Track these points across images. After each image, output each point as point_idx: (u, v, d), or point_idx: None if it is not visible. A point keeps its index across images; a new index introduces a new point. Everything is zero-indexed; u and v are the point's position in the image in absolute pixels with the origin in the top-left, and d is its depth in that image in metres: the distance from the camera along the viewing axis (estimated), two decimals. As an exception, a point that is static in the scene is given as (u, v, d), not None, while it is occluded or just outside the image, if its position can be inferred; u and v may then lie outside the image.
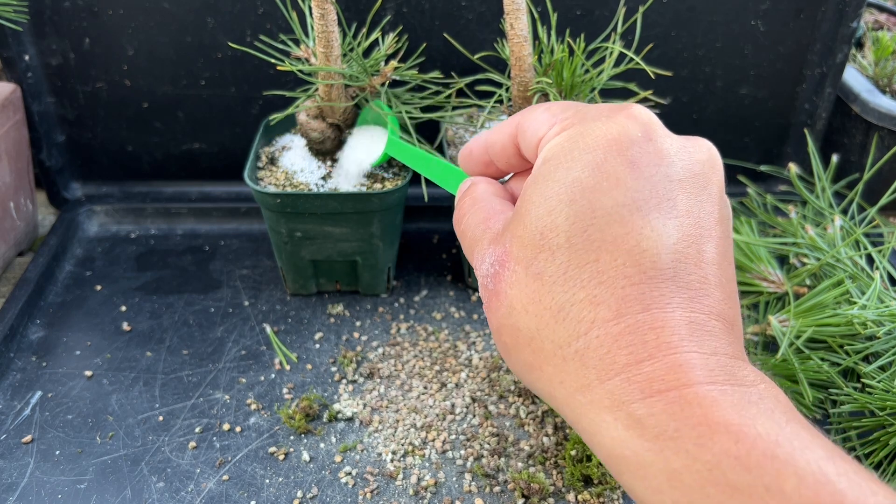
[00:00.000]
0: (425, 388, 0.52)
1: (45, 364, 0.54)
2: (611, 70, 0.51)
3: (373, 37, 0.55)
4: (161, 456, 0.47)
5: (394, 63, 0.53)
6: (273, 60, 0.53)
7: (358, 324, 0.58)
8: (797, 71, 0.68)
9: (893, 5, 0.90)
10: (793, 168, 0.64)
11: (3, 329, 0.54)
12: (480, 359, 0.55)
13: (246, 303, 0.60)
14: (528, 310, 0.29)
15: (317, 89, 0.53)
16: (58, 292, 0.61)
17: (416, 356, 0.55)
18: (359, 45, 0.54)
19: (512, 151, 0.35)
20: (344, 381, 0.53)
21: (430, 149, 0.52)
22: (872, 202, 0.58)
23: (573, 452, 0.46)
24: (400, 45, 0.56)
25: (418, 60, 0.57)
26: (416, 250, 0.67)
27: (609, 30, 0.53)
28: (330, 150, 0.57)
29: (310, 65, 0.52)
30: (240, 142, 0.68)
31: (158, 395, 0.51)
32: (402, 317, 0.59)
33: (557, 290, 0.28)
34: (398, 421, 0.50)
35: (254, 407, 0.51)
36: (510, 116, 0.36)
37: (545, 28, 0.53)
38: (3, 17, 0.57)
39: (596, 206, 0.28)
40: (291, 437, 0.49)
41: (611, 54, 0.51)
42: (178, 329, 0.57)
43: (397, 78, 0.55)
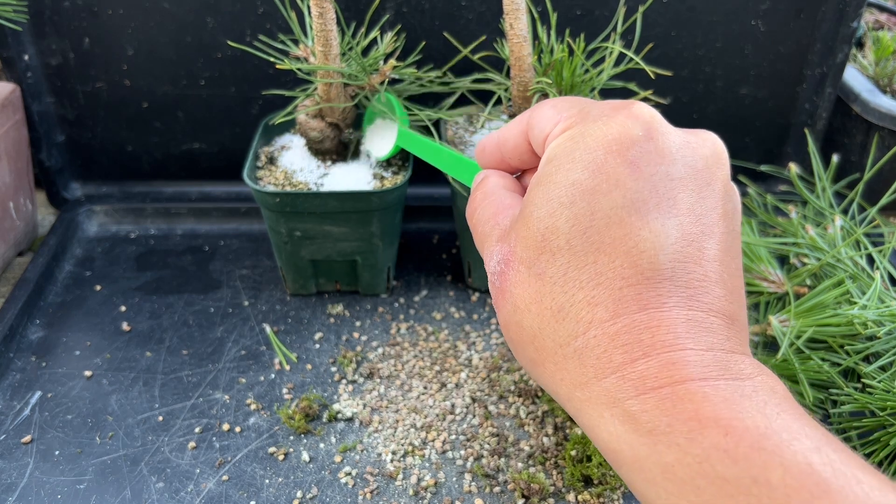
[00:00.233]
0: (425, 388, 0.52)
1: (44, 364, 0.54)
2: (611, 70, 0.51)
3: (371, 35, 0.55)
4: (161, 456, 0.47)
5: (392, 61, 0.53)
6: (272, 59, 0.53)
7: (358, 324, 0.58)
8: (797, 71, 0.67)
9: (893, 5, 0.90)
10: (793, 168, 0.64)
11: (2, 329, 0.54)
12: (480, 359, 0.55)
13: (246, 303, 0.60)
14: (531, 309, 0.29)
15: (316, 88, 0.53)
16: (57, 292, 0.61)
17: (416, 356, 0.55)
18: (357, 44, 0.54)
19: (524, 148, 0.35)
20: (344, 382, 0.53)
21: (441, 141, 0.52)
22: (873, 202, 0.58)
23: (573, 452, 0.46)
24: (398, 43, 0.56)
25: (417, 58, 0.57)
26: (416, 250, 0.67)
27: (609, 30, 0.53)
28: (329, 149, 0.57)
29: (308, 64, 0.52)
30: (240, 142, 0.68)
31: (158, 396, 0.51)
32: (402, 317, 0.59)
33: (558, 290, 0.28)
34: (398, 421, 0.50)
35: (253, 407, 0.51)
36: (520, 114, 0.36)
37: (545, 28, 0.52)
38: (2, 17, 0.57)
39: (595, 209, 0.28)
40: (291, 438, 0.49)
41: (611, 54, 0.51)
42: (178, 329, 0.57)
43: (396, 76, 0.55)
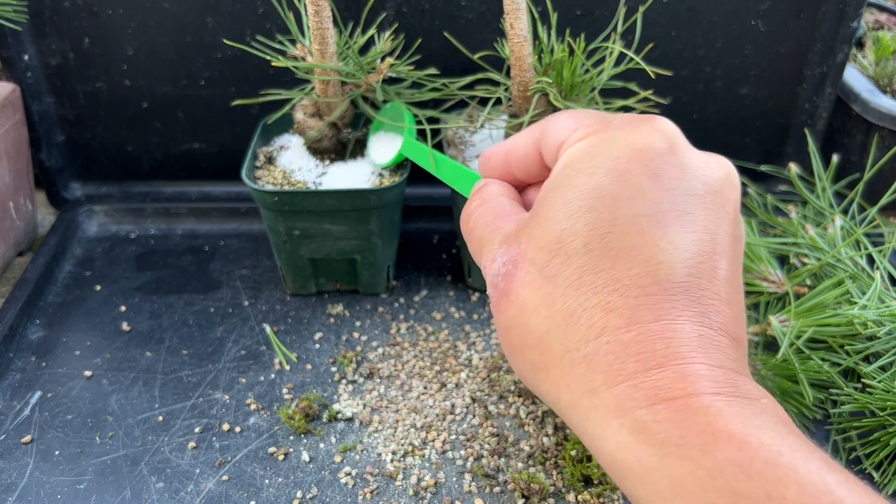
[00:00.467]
0: (425, 388, 0.52)
1: (44, 364, 0.54)
2: (611, 70, 0.51)
3: (369, 34, 0.55)
4: (161, 456, 0.47)
5: (390, 60, 0.53)
6: (269, 58, 0.53)
7: (358, 324, 0.58)
8: (797, 71, 0.67)
9: (893, 5, 0.90)
10: (793, 168, 0.64)
11: (2, 329, 0.54)
12: (480, 359, 0.55)
13: (246, 303, 0.60)
14: (540, 311, 0.29)
15: (313, 87, 0.53)
16: (57, 292, 0.61)
17: (416, 356, 0.55)
18: (355, 42, 0.54)
19: (533, 159, 0.35)
20: (344, 382, 0.53)
21: (445, 152, 0.52)
22: (873, 202, 0.58)
23: (573, 452, 0.46)
24: (397, 42, 0.56)
25: (416, 58, 0.56)
26: (415, 250, 0.67)
27: (609, 30, 0.53)
28: (327, 148, 0.57)
29: (305, 62, 0.52)
30: (239, 142, 0.68)
31: (158, 396, 0.51)
32: (402, 317, 0.59)
33: (571, 294, 0.28)
34: (398, 421, 0.50)
35: (253, 407, 0.51)
36: (532, 125, 0.36)
37: (545, 28, 0.52)
38: (2, 17, 0.57)
39: (617, 215, 0.28)
40: (291, 438, 0.49)
41: (611, 54, 0.51)
42: (178, 329, 0.57)
43: (394, 75, 0.55)
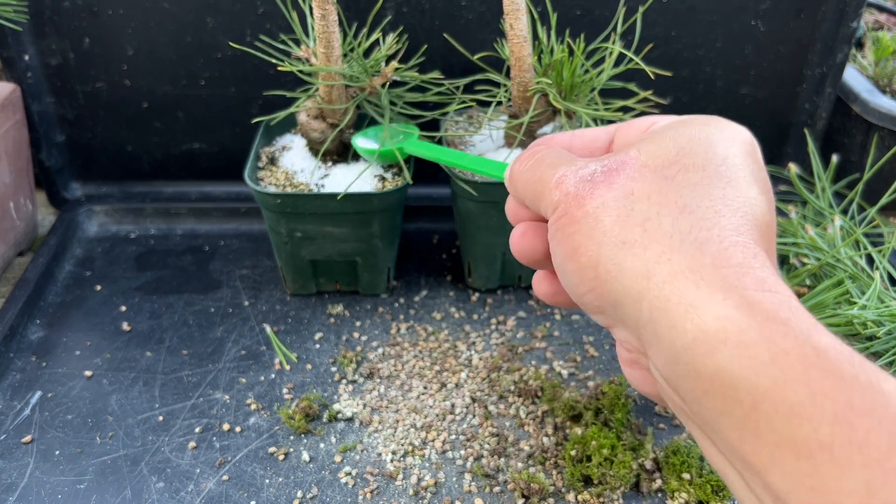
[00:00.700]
0: (425, 388, 0.52)
1: (44, 364, 0.54)
2: (611, 70, 0.51)
3: (373, 37, 0.55)
4: (161, 456, 0.47)
5: (394, 64, 0.53)
6: (273, 60, 0.53)
7: (358, 324, 0.58)
8: (797, 71, 0.68)
9: (893, 5, 0.90)
10: (793, 168, 0.64)
11: (3, 329, 0.54)
12: (480, 359, 0.55)
13: (246, 303, 0.60)
14: (652, 198, 0.30)
15: (317, 90, 0.53)
16: (58, 292, 0.61)
17: (416, 356, 0.55)
18: (359, 45, 0.54)
19: (600, 144, 0.36)
20: (344, 381, 0.53)
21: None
22: (872, 202, 0.58)
23: (573, 452, 0.46)
24: (400, 45, 0.56)
25: (419, 61, 0.57)
26: (416, 250, 0.67)
27: (609, 30, 0.53)
28: (330, 150, 0.57)
29: (310, 65, 0.52)
30: (240, 142, 0.68)
31: (158, 395, 0.51)
32: (402, 317, 0.59)
33: (687, 192, 0.29)
34: (398, 421, 0.50)
35: (254, 407, 0.51)
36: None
37: (545, 28, 0.53)
38: (3, 17, 0.57)
39: (730, 156, 0.30)
40: (291, 437, 0.49)
41: (610, 54, 0.51)
42: (178, 329, 0.57)
43: (398, 78, 0.55)
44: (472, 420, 0.50)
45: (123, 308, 0.59)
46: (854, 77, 0.72)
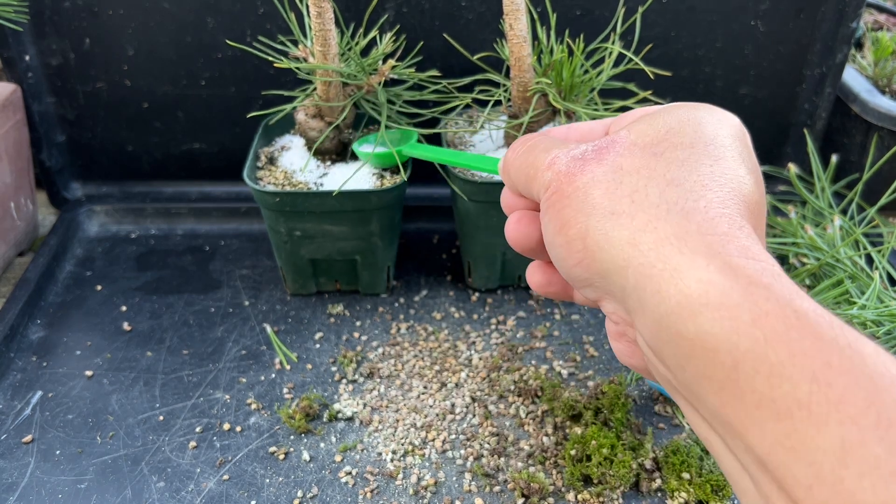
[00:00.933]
0: (425, 387, 0.52)
1: (45, 364, 0.54)
2: (610, 70, 0.51)
3: (370, 35, 0.55)
4: (161, 456, 0.47)
5: (391, 62, 0.53)
6: (272, 60, 0.53)
7: (358, 324, 0.58)
8: (797, 71, 0.68)
9: (893, 5, 0.90)
10: (792, 168, 0.64)
11: (3, 329, 0.54)
12: (480, 359, 0.55)
13: (246, 303, 0.60)
14: (640, 172, 0.30)
15: (315, 88, 0.53)
16: (58, 292, 0.61)
17: (416, 356, 0.55)
18: (356, 44, 0.54)
19: (596, 134, 0.37)
20: (344, 381, 0.53)
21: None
22: (872, 202, 0.58)
23: (573, 452, 0.46)
24: (398, 44, 0.56)
25: (417, 60, 0.57)
26: (415, 250, 0.67)
27: (608, 30, 0.53)
28: (329, 149, 0.57)
29: (307, 63, 0.52)
30: (240, 142, 0.68)
31: (158, 395, 0.51)
32: (402, 317, 0.59)
33: (674, 168, 0.30)
34: (398, 421, 0.50)
35: (254, 407, 0.51)
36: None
37: (545, 28, 0.53)
38: (3, 18, 0.57)
39: (718, 136, 0.31)
40: (291, 437, 0.49)
41: (610, 55, 0.51)
42: (178, 329, 0.57)
43: (395, 77, 0.55)
44: (472, 420, 0.50)
45: (124, 308, 0.59)
46: (853, 77, 0.72)
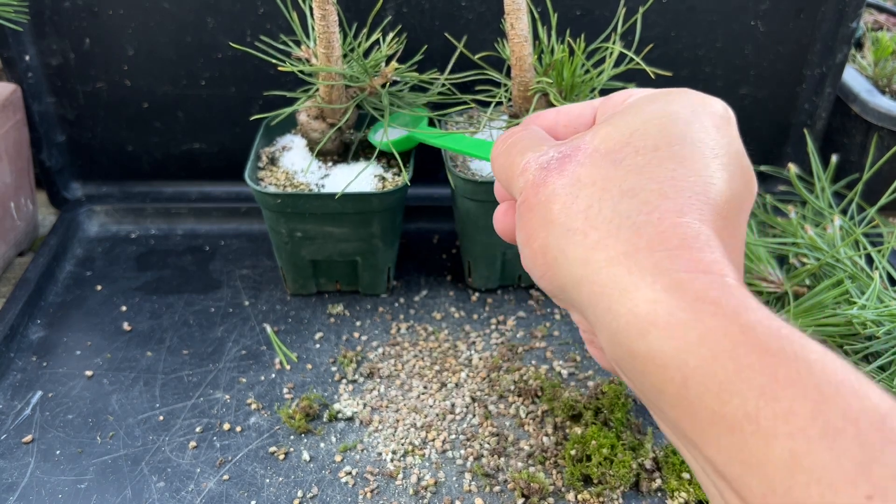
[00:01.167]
0: (425, 387, 0.52)
1: (45, 364, 0.54)
2: (611, 70, 0.51)
3: (373, 37, 0.55)
4: (161, 456, 0.47)
5: (394, 64, 0.53)
6: (274, 61, 0.53)
7: (358, 324, 0.58)
8: (797, 71, 0.68)
9: (893, 5, 0.90)
10: (792, 168, 0.64)
11: (3, 329, 0.54)
12: (480, 359, 0.55)
13: (246, 303, 0.60)
14: (596, 184, 0.30)
15: (317, 90, 0.53)
16: (58, 292, 0.61)
17: (416, 356, 0.55)
18: (359, 45, 0.54)
19: (584, 120, 0.37)
20: (344, 381, 0.53)
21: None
22: (872, 202, 0.58)
23: (573, 452, 0.46)
24: (399, 44, 0.56)
25: (419, 59, 0.57)
26: (416, 250, 0.67)
27: (609, 30, 0.53)
28: (331, 151, 0.57)
29: (310, 65, 0.52)
30: (240, 142, 0.68)
31: (159, 395, 0.51)
32: (402, 317, 0.59)
33: (632, 177, 0.30)
34: (398, 421, 0.50)
35: (254, 407, 0.51)
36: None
37: (545, 28, 0.53)
38: (3, 18, 0.57)
39: (686, 135, 0.31)
40: (291, 437, 0.49)
41: (611, 54, 0.51)
42: (179, 329, 0.57)
43: (397, 78, 0.55)
44: (472, 420, 0.50)
45: (124, 308, 0.59)
46: (853, 77, 0.72)
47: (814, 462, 0.20)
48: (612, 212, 0.29)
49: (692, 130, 0.31)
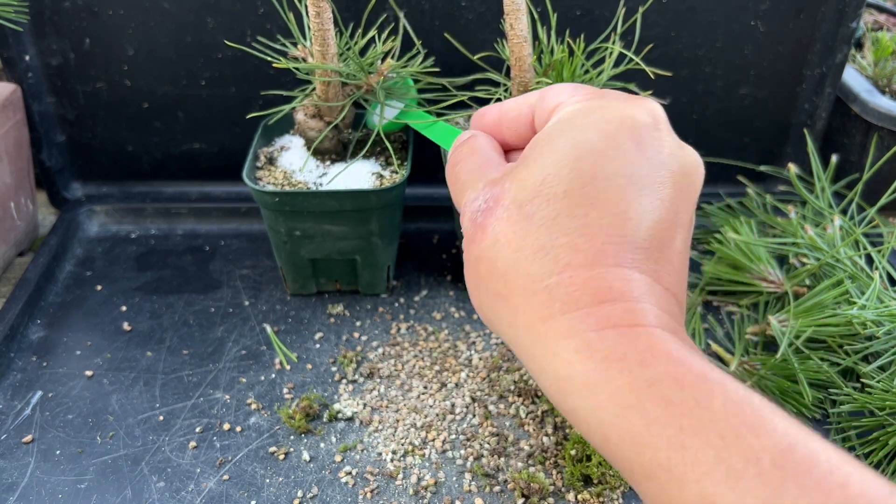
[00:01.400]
0: (425, 387, 0.52)
1: (45, 364, 0.54)
2: (611, 70, 0.51)
3: (369, 35, 0.55)
4: (161, 456, 0.47)
5: (390, 61, 0.53)
6: (269, 59, 0.53)
7: (358, 324, 0.58)
8: (797, 71, 0.68)
9: (893, 5, 0.90)
10: (792, 168, 0.64)
11: (3, 329, 0.54)
12: (480, 359, 0.55)
13: (246, 303, 0.60)
14: (512, 244, 0.31)
15: (314, 88, 0.53)
16: (58, 292, 0.61)
17: (416, 356, 0.55)
18: (355, 43, 0.54)
19: (525, 121, 0.37)
20: (344, 381, 0.53)
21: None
22: (872, 202, 0.58)
23: (573, 452, 0.46)
24: (396, 42, 0.56)
25: (418, 59, 0.56)
26: (415, 250, 0.67)
27: (609, 30, 0.53)
28: (328, 149, 0.57)
29: (306, 63, 0.52)
30: (240, 142, 0.68)
31: (159, 395, 0.51)
32: (402, 317, 0.59)
33: (543, 232, 0.30)
34: (398, 421, 0.50)
35: (254, 407, 0.51)
36: (533, 91, 0.38)
37: (545, 28, 0.53)
38: (3, 18, 0.57)
39: (597, 170, 0.30)
40: (291, 437, 0.49)
41: (610, 55, 0.51)
42: (179, 329, 0.57)
43: (394, 76, 0.55)
44: (472, 420, 0.50)
45: (124, 308, 0.59)
46: (853, 77, 0.72)
47: (723, 501, 0.23)
48: (526, 276, 0.30)
49: (604, 162, 0.30)
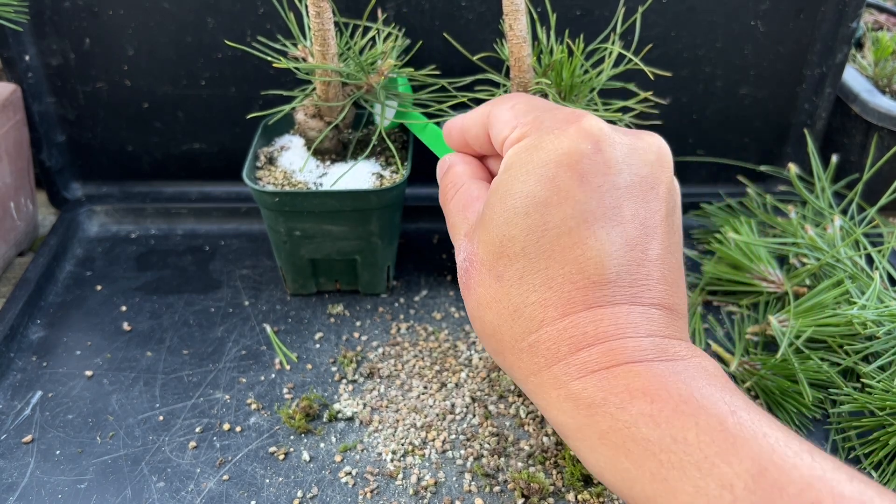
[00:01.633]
0: (425, 387, 0.52)
1: (45, 364, 0.54)
2: (610, 70, 0.51)
3: (370, 35, 0.55)
4: (161, 456, 0.47)
5: (390, 61, 0.53)
6: (269, 58, 0.53)
7: (358, 324, 0.58)
8: (797, 71, 0.68)
9: (893, 5, 0.90)
10: (792, 168, 0.64)
11: (3, 329, 0.54)
12: (480, 359, 0.55)
13: (246, 303, 0.60)
14: (491, 307, 0.33)
15: (314, 88, 0.53)
16: (58, 292, 0.61)
17: (416, 356, 0.55)
18: (355, 43, 0.54)
19: (485, 139, 0.38)
20: (344, 381, 0.53)
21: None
22: (872, 202, 0.58)
23: (573, 452, 0.46)
24: (395, 42, 0.56)
25: (417, 59, 0.57)
26: (415, 250, 0.67)
27: (608, 30, 0.53)
28: (328, 149, 0.57)
29: (306, 63, 0.52)
30: (240, 142, 0.68)
31: (158, 395, 0.51)
32: (402, 317, 0.59)
33: (514, 292, 0.32)
34: (398, 421, 0.50)
35: (254, 407, 0.51)
36: (483, 104, 0.38)
37: (544, 28, 0.53)
38: (3, 18, 0.57)
39: (547, 220, 0.31)
40: (291, 437, 0.49)
41: (610, 55, 0.51)
42: (178, 329, 0.57)
43: (394, 76, 0.55)
44: (472, 420, 0.50)
45: (124, 308, 0.59)
46: (854, 77, 0.72)
47: None
48: (510, 337, 0.32)
49: (551, 210, 0.31)
